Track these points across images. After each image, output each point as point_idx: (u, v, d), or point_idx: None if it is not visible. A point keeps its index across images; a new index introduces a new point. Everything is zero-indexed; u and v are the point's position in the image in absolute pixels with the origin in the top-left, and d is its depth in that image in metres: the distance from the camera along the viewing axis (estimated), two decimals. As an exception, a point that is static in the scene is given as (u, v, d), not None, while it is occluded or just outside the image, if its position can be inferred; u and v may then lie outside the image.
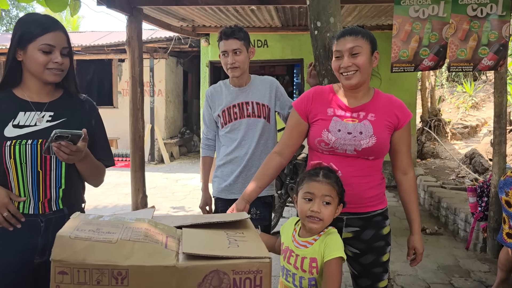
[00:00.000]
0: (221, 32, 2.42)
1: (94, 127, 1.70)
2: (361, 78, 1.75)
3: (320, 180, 1.56)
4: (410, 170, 1.87)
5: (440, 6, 3.76)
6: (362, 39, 1.74)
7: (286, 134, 1.92)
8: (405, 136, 1.83)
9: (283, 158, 1.89)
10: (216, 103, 2.53)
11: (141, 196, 4.16)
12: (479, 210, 4.14)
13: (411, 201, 1.86)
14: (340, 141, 1.74)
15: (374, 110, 1.78)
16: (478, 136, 9.27)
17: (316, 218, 1.54)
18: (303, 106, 1.86)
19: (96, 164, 1.66)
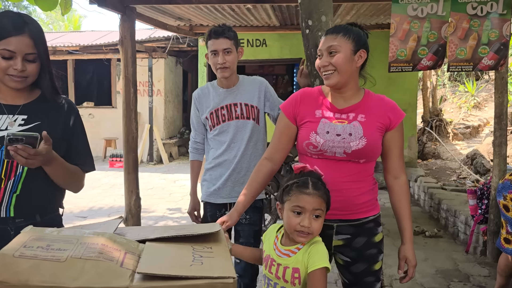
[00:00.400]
0: (211, 31, 2.33)
1: (71, 130, 1.62)
2: (340, 78, 1.67)
3: (311, 193, 1.47)
4: (402, 174, 1.78)
5: (439, 5, 3.67)
6: (343, 37, 1.66)
7: (275, 138, 1.84)
8: (397, 138, 1.74)
9: (274, 164, 1.82)
10: (204, 105, 2.45)
11: (135, 198, 4.09)
12: (479, 213, 4.06)
13: (402, 207, 1.76)
14: (328, 144, 1.66)
15: (364, 111, 1.71)
16: (480, 136, 9.17)
17: (305, 233, 1.46)
18: (291, 108, 1.79)
19: (69, 169, 1.57)
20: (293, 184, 1.53)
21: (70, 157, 1.61)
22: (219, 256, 0.92)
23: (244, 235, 2.40)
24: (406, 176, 1.80)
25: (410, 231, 1.76)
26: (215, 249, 0.96)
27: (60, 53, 9.92)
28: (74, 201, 6.16)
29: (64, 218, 1.77)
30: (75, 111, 1.66)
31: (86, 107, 10.65)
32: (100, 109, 10.61)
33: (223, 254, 0.95)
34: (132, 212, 4.07)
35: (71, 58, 10.34)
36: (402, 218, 1.76)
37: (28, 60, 1.48)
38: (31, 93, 1.60)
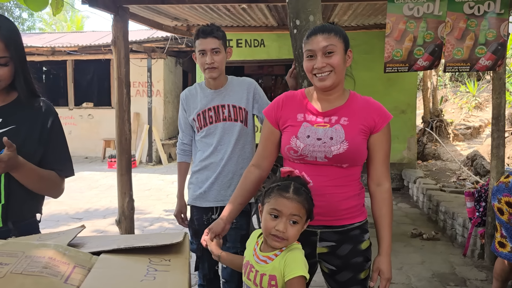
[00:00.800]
0: (199, 30, 2.28)
1: (49, 134, 1.58)
2: (336, 79, 1.62)
3: (290, 197, 1.43)
4: (385, 181, 1.69)
5: (435, 4, 3.61)
6: (335, 37, 1.61)
7: (260, 145, 1.80)
8: (382, 142, 1.66)
9: (261, 171, 1.77)
10: (191, 106, 2.41)
11: (128, 200, 4.04)
12: (477, 216, 3.99)
13: (382, 216, 1.67)
14: (309, 148, 1.61)
15: (348, 113, 1.64)
16: (481, 137, 9.09)
17: (280, 237, 1.42)
18: (273, 113, 1.74)
19: (42, 174, 1.52)
20: (275, 187, 1.49)
21: (47, 161, 1.56)
22: (176, 269, 0.87)
23: (230, 240, 2.36)
24: (390, 184, 1.71)
25: (388, 242, 1.67)
26: (174, 261, 0.91)
27: (59, 53, 9.91)
28: (70, 202, 6.14)
29: (59, 219, 1.73)
30: (53, 113, 1.61)
31: (85, 107, 10.64)
32: (99, 110, 10.60)
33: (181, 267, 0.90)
34: (125, 214, 4.02)
35: (70, 59, 10.33)
36: (380, 228, 1.68)
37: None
38: (7, 96, 1.56)
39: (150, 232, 4.86)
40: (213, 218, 2.36)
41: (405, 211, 5.69)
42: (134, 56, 9.66)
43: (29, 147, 1.50)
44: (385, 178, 1.69)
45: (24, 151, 1.42)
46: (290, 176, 1.52)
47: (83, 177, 8.04)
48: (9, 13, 22.49)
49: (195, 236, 2.41)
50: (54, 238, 1.03)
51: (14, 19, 23.14)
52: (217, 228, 1.67)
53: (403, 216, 5.47)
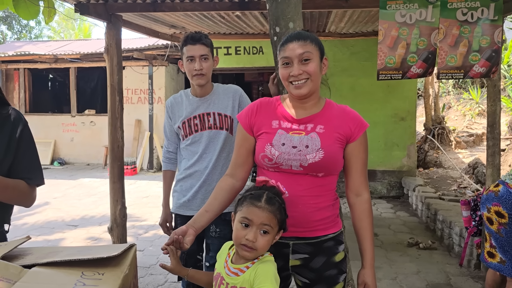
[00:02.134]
0: (187, 37, 2.28)
1: (17, 143, 1.56)
2: (312, 86, 1.59)
3: (262, 206, 1.40)
4: (364, 192, 1.66)
5: (428, 11, 3.59)
6: (311, 44, 1.58)
7: (234, 153, 1.74)
8: (359, 151, 1.63)
9: (235, 180, 1.70)
10: (176, 114, 2.40)
11: (120, 208, 4.03)
12: (473, 225, 3.92)
13: (363, 227, 1.64)
14: (284, 156, 1.57)
15: (324, 121, 1.61)
16: (483, 144, 8.98)
17: (249, 247, 1.38)
18: (247, 119, 1.70)
19: (7, 184, 1.49)
20: (247, 196, 1.47)
21: (16, 170, 1.55)
22: (106, 284, 0.85)
23: (213, 249, 2.33)
24: (369, 194, 1.69)
25: (371, 254, 1.64)
26: (107, 275, 0.88)
27: (62, 61, 9.99)
28: (67, 209, 6.15)
29: (55, 226, 1.72)
30: (22, 122, 1.60)
31: (87, 114, 10.69)
32: (101, 117, 10.64)
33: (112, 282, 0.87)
34: (117, 221, 4.01)
35: (73, 66, 10.41)
36: (362, 240, 1.65)
37: None
38: None
39: (144, 239, 4.84)
40: (195, 227, 2.33)
41: (403, 220, 5.62)
42: (135, 64, 9.72)
43: None
44: (364, 188, 1.66)
45: None
46: (265, 186, 1.50)
47: (82, 184, 8.05)
48: (17, 22, 22.78)
49: (178, 245, 2.38)
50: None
51: (22, 27, 23.42)
52: (180, 231, 1.51)
53: (401, 224, 5.40)
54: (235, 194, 1.71)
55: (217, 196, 1.67)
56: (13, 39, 22.30)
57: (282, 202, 1.46)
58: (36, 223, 5.30)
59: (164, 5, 3.80)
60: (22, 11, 3.28)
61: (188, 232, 1.53)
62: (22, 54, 9.68)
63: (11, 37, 22.62)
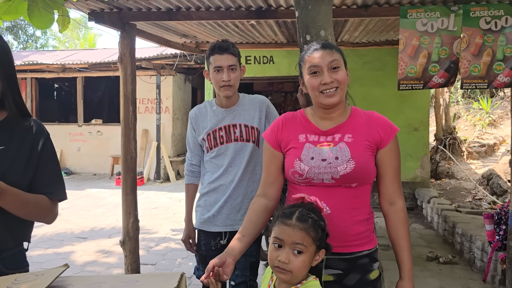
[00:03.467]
0: (214, 46, 2.18)
1: (39, 156, 1.48)
2: (342, 95, 1.55)
3: (293, 224, 1.30)
4: (398, 200, 1.58)
5: (450, 19, 3.51)
6: (337, 53, 1.55)
7: (264, 172, 1.68)
8: (391, 157, 1.56)
9: (268, 200, 1.63)
10: (201, 125, 2.30)
11: (132, 220, 3.92)
12: (497, 239, 3.80)
13: (399, 237, 1.56)
14: (314, 170, 1.51)
15: (351, 130, 1.55)
16: (496, 155, 8.86)
17: (282, 269, 1.28)
18: (273, 136, 1.64)
19: (28, 200, 1.40)
20: (280, 214, 1.37)
21: (37, 185, 1.46)
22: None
23: (239, 267, 2.21)
24: (404, 202, 1.60)
25: (409, 264, 1.56)
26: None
27: (70, 70, 9.97)
28: (76, 220, 6.05)
29: (64, 238, 1.62)
30: (44, 134, 1.51)
31: (94, 124, 10.64)
32: (108, 126, 10.59)
33: None
34: (129, 235, 3.90)
35: (80, 76, 10.38)
36: (399, 250, 1.56)
37: None
38: None
39: (156, 253, 4.72)
40: (222, 244, 2.24)
41: (419, 232, 5.49)
42: (143, 73, 9.68)
43: (16, 170, 1.40)
44: (398, 196, 1.59)
45: (11, 174, 1.32)
46: (302, 203, 1.40)
47: (90, 195, 7.96)
48: (23, 31, 22.90)
49: (202, 262, 2.29)
50: (31, 281, 0.91)
51: (28, 37, 23.53)
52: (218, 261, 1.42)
53: (418, 237, 5.26)
54: (270, 214, 1.65)
55: (251, 219, 1.61)
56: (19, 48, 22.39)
57: (319, 219, 1.35)
58: (45, 235, 5.19)
59: (180, 14, 3.73)
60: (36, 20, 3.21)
61: (227, 262, 1.44)
62: (30, 63, 9.66)
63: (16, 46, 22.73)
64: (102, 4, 3.53)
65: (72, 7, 3.44)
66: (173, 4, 3.55)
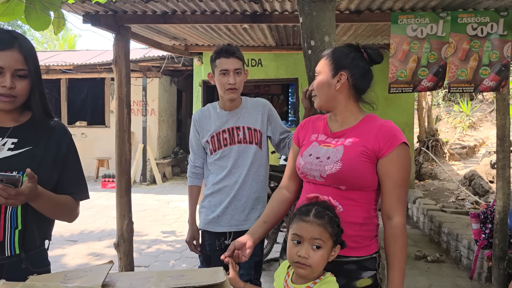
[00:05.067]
0: (221, 49, 2.23)
1: (64, 156, 1.50)
2: (320, 101, 1.64)
3: (310, 220, 1.36)
4: (395, 215, 1.50)
5: (438, 25, 3.63)
6: (325, 59, 1.63)
7: (287, 166, 1.80)
8: (390, 168, 1.50)
9: (288, 192, 1.76)
10: (204, 128, 2.34)
11: (127, 223, 3.92)
12: (483, 237, 3.94)
13: (389, 254, 1.49)
14: (307, 166, 1.60)
15: (355, 135, 1.57)
16: (476, 156, 9.12)
17: (302, 264, 1.34)
18: (296, 133, 1.78)
19: (59, 201, 1.45)
20: (297, 212, 1.44)
21: (63, 185, 1.50)
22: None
23: (244, 266, 2.26)
24: (403, 218, 1.51)
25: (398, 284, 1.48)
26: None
27: (54, 72, 9.82)
28: (64, 223, 5.95)
29: (53, 241, 1.65)
30: (68, 136, 1.55)
31: (79, 126, 10.51)
32: (93, 129, 10.47)
33: None
34: (124, 237, 3.90)
35: (64, 77, 10.25)
36: (389, 268, 1.50)
37: (18, 75, 1.38)
38: (21, 115, 1.49)
39: (148, 255, 4.72)
40: (226, 244, 2.28)
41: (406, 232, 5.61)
42: (129, 75, 9.61)
43: (45, 171, 1.43)
44: (396, 211, 1.50)
45: (41, 175, 1.35)
46: (316, 202, 1.46)
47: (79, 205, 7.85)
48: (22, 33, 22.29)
49: (206, 262, 2.32)
50: (82, 277, 0.94)
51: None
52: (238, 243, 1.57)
53: (405, 237, 5.39)
54: (289, 206, 1.76)
55: (273, 207, 1.73)
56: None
57: (334, 215, 1.41)
58: (33, 239, 5.12)
59: (175, 17, 3.76)
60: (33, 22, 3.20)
61: (247, 244, 1.55)
62: (12, 64, 9.47)
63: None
64: (97, 7, 3.53)
65: (68, 9, 3.43)
66: (169, 7, 3.58)
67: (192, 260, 4.45)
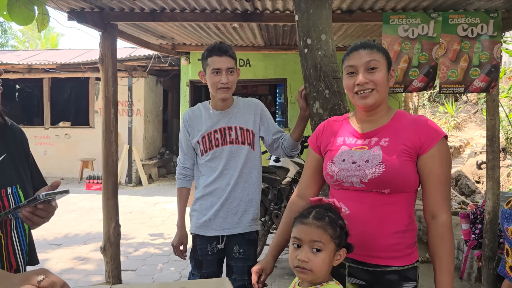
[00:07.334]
0: (214, 48, 2.16)
1: (31, 157, 1.45)
2: (379, 97, 1.48)
3: (309, 222, 1.31)
4: (441, 213, 1.43)
5: (430, 26, 3.63)
6: (378, 53, 1.50)
7: (303, 173, 1.71)
8: (433, 164, 1.43)
9: (305, 201, 1.60)
10: (195, 128, 2.27)
11: (114, 226, 3.81)
12: (473, 238, 3.95)
13: (437, 255, 1.42)
14: (343, 173, 1.48)
15: (390, 133, 1.48)
16: (462, 157, 9.21)
17: (303, 268, 1.28)
18: (314, 139, 1.67)
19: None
20: (297, 216, 1.39)
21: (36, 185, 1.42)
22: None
23: (237, 271, 2.21)
24: (448, 216, 1.45)
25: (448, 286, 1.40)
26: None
27: (36, 71, 9.60)
28: (47, 226, 5.78)
29: (37, 246, 1.58)
30: (24, 135, 1.47)
31: (62, 127, 10.30)
32: (77, 129, 10.28)
33: None
34: (111, 240, 3.80)
35: (47, 77, 10.02)
36: (437, 270, 1.42)
37: None
38: None
39: (136, 258, 4.61)
40: (218, 248, 2.21)
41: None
42: (114, 75, 9.44)
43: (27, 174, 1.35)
44: (441, 209, 1.44)
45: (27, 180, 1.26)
46: (320, 204, 1.41)
47: (60, 200, 7.66)
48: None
49: (198, 267, 2.25)
50: None
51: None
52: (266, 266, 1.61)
53: (394, 237, 5.39)
54: None
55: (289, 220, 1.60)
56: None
57: (337, 217, 1.35)
58: (15, 243, 4.96)
59: (164, 15, 3.67)
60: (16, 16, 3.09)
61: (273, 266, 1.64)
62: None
63: (-27, 46, 21.67)
64: (83, 3, 3.43)
65: (53, 5, 3.32)
66: (158, 5, 3.50)
67: (180, 263, 4.36)
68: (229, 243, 2.22)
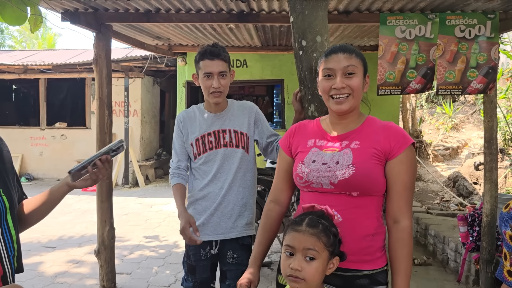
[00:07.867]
0: (205, 51, 2.10)
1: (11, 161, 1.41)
2: (354, 103, 1.50)
3: (303, 230, 1.28)
4: (402, 218, 1.44)
5: (427, 27, 3.60)
6: (356, 58, 1.50)
7: (276, 177, 1.69)
8: (399, 170, 1.45)
9: (281, 206, 1.66)
10: (189, 130, 2.23)
11: (108, 229, 3.77)
12: (471, 240, 3.92)
13: (395, 259, 1.42)
14: (313, 173, 1.47)
15: (361, 137, 1.50)
16: (459, 158, 9.20)
17: (295, 277, 1.25)
18: (286, 141, 1.65)
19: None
20: (290, 223, 1.35)
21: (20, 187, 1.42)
22: None
23: (230, 277, 2.17)
24: (410, 221, 1.47)
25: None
26: None
27: (32, 71, 9.54)
28: (42, 228, 5.75)
29: (31, 248, 1.55)
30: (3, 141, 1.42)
31: (58, 127, 10.24)
32: (73, 130, 10.21)
33: None
34: (105, 243, 3.75)
35: (43, 77, 9.96)
36: (394, 273, 1.43)
37: None
38: None
39: (131, 261, 4.56)
40: (212, 253, 2.17)
41: (393, 235, 5.58)
42: (111, 75, 9.39)
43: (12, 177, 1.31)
44: (403, 214, 1.45)
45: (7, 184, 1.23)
46: (312, 211, 1.37)
47: (55, 201, 7.62)
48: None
49: (191, 273, 2.21)
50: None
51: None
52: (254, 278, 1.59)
53: (392, 240, 5.36)
54: (282, 219, 1.69)
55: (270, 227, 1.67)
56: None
57: (330, 225, 1.32)
58: (9, 245, 4.91)
59: (159, 16, 3.63)
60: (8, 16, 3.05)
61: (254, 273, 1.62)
62: (-11, 64, 9.17)
63: (-30, 46, 21.57)
64: (77, 4, 3.38)
65: (46, 6, 3.28)
66: (152, 5, 3.46)
67: (176, 266, 4.32)
68: (223, 248, 2.18)
